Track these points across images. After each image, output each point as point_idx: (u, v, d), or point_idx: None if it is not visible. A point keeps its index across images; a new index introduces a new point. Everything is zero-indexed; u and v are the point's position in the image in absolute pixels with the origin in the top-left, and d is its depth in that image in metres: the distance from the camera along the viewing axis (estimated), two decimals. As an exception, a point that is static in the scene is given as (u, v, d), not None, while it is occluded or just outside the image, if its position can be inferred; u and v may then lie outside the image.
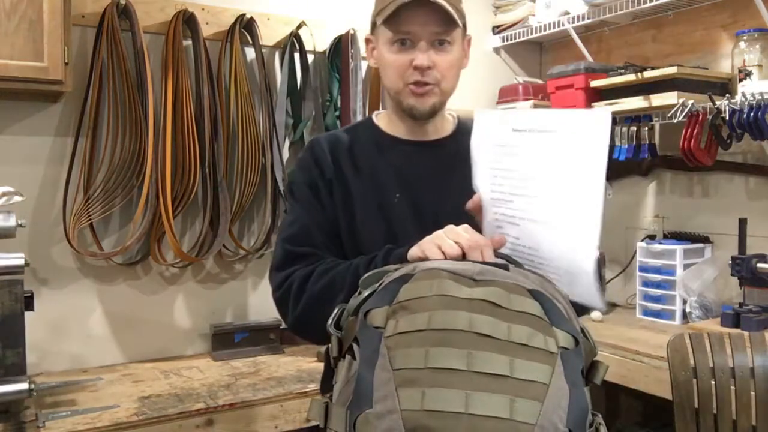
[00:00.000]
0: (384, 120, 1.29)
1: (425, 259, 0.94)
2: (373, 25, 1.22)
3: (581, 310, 0.99)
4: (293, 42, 2.34)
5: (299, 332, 1.19)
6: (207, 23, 2.19)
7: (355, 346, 0.79)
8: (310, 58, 2.38)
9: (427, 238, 0.99)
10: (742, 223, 2.12)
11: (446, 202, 1.19)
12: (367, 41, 1.26)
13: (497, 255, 0.96)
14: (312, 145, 1.29)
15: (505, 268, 0.84)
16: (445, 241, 0.95)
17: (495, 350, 0.71)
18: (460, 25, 1.17)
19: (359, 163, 1.23)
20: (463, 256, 0.93)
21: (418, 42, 1.15)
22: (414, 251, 1.00)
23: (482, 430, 0.68)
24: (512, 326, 0.73)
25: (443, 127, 1.28)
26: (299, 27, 2.35)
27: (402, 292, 0.79)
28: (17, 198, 1.66)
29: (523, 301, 0.77)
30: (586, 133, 0.90)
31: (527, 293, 0.78)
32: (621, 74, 2.24)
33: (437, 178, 1.23)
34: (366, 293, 0.82)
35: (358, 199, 1.21)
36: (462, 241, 0.94)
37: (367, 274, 0.87)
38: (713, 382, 1.59)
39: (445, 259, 0.92)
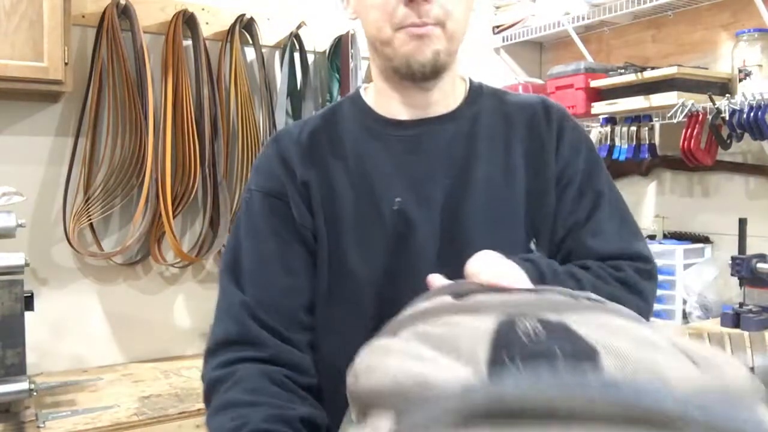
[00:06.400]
0: (373, 95, 0.92)
1: None
2: None
3: None
4: (293, 42, 2.33)
5: None
6: (207, 23, 2.19)
7: None
8: (310, 58, 2.38)
9: None
10: (742, 223, 2.12)
11: (471, 200, 0.84)
12: None
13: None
14: (276, 138, 0.94)
15: None
16: None
17: None
18: None
19: (346, 158, 0.88)
20: None
21: None
22: None
23: None
24: None
25: (454, 94, 0.90)
26: (299, 27, 2.35)
27: None
28: (17, 198, 1.66)
29: None
30: None
31: None
32: (621, 74, 2.24)
33: (453, 167, 0.86)
34: None
35: (348, 207, 0.85)
36: None
37: None
38: (713, 382, 1.59)
39: None
